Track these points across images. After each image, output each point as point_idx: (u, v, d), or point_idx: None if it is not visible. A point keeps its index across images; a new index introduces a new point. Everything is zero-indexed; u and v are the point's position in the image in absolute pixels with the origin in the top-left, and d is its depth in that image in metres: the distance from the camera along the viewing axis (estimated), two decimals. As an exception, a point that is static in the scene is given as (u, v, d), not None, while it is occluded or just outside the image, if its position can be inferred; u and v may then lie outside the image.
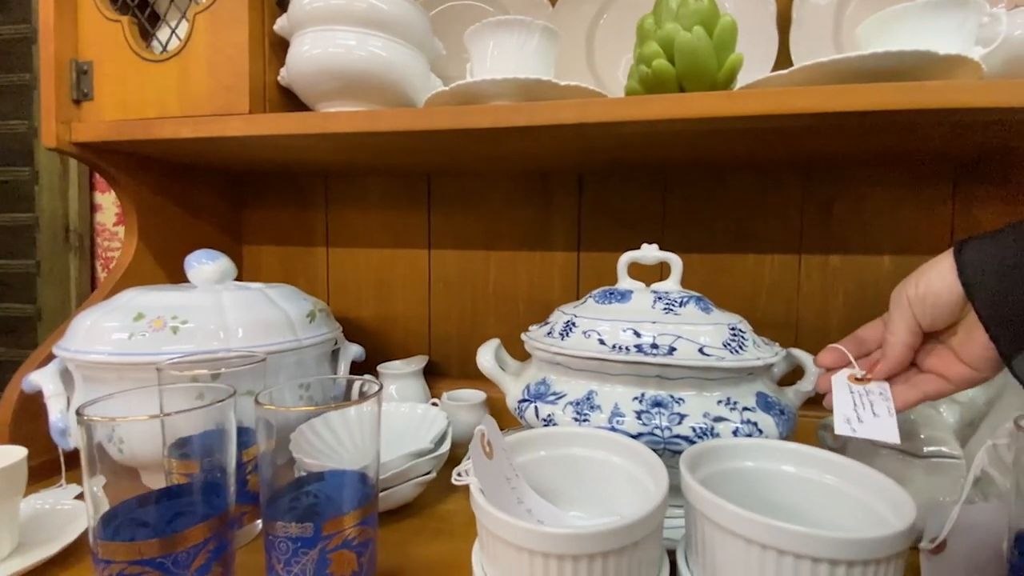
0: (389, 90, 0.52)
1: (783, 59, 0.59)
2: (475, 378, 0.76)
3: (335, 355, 0.65)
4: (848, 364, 0.40)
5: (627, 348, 0.42)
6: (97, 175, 0.92)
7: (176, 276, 0.69)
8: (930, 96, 0.40)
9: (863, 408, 0.37)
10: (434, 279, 0.77)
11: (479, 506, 0.28)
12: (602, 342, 0.43)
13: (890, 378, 0.38)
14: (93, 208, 0.92)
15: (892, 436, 0.34)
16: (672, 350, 0.41)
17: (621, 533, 0.25)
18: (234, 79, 0.53)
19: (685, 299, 0.47)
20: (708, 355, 0.41)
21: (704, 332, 0.43)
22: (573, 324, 0.46)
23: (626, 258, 0.50)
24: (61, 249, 0.91)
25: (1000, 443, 0.39)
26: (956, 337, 0.35)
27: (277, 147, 0.57)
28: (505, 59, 0.49)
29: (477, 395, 0.68)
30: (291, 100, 0.58)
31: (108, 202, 0.92)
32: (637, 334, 0.43)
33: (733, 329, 0.44)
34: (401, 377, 0.69)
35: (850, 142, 0.53)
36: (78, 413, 0.30)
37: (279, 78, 0.56)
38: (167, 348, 0.48)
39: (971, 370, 0.35)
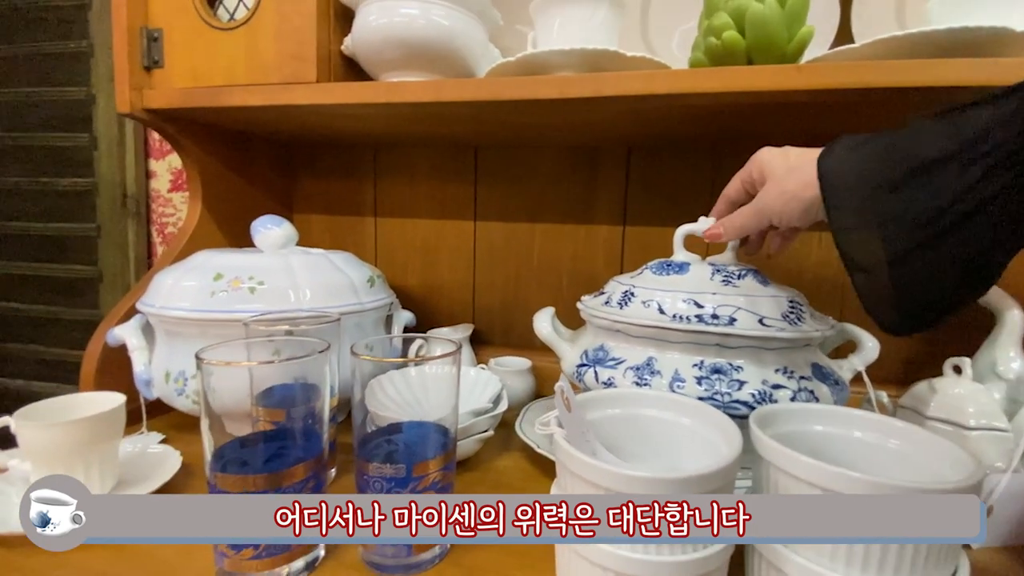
0: (451, 59, 0.53)
1: (843, 35, 0.58)
2: (516, 347, 0.78)
3: (389, 321, 0.67)
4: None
5: (688, 318, 0.43)
6: (151, 142, 0.95)
7: (235, 241, 0.72)
8: (1005, 72, 0.40)
9: None
10: (479, 250, 0.79)
11: (562, 449, 0.31)
12: (662, 311, 0.45)
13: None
14: (148, 175, 0.95)
15: None
16: (733, 320, 0.43)
17: (698, 481, 0.27)
18: (301, 48, 0.54)
19: (743, 272, 0.48)
20: (768, 326, 0.42)
21: (763, 304, 0.44)
22: (632, 294, 0.48)
23: (683, 230, 0.51)
24: (119, 214, 0.94)
25: (1050, 416, 0.40)
26: None
27: (340, 116, 0.58)
28: (571, 30, 0.49)
29: (523, 362, 0.70)
30: (352, 69, 0.59)
31: (162, 169, 0.95)
32: (698, 304, 0.44)
33: (792, 302, 0.46)
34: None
35: (904, 119, 0.52)
36: (198, 358, 0.33)
37: (343, 48, 0.57)
38: (245, 307, 0.50)
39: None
